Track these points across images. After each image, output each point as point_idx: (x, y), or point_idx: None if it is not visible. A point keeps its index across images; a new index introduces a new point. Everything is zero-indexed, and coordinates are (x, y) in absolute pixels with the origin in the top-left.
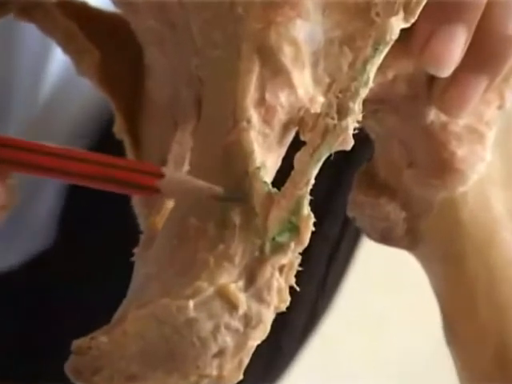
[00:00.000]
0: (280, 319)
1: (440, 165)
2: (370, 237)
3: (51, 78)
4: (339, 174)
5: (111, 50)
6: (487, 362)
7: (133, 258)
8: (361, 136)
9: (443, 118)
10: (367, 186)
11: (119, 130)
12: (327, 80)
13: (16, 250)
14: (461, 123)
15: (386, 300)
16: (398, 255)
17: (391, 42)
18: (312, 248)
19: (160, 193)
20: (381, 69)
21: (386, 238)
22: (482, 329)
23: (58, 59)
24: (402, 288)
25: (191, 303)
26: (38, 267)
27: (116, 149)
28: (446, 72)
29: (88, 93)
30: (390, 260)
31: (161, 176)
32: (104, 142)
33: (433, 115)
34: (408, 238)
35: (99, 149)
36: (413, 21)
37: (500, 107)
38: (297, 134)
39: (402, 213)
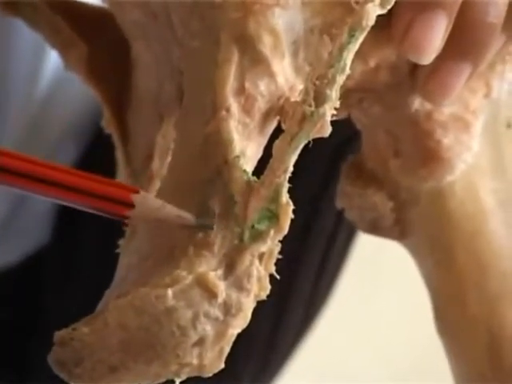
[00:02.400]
0: (275, 317)
1: (426, 154)
2: (360, 228)
3: (47, 76)
4: (333, 167)
5: (98, 44)
6: (479, 353)
7: (118, 250)
8: (355, 129)
9: (428, 106)
10: (355, 176)
11: (107, 124)
12: (307, 69)
13: (12, 247)
14: (446, 112)
15: (381, 298)
16: (391, 252)
17: (367, 29)
18: (307, 243)
19: (129, 219)
20: (362, 57)
21: (374, 228)
22: (473, 319)
23: (54, 58)
24: (397, 285)
25: (170, 292)
26: (35, 265)
27: (110, 146)
28: (426, 59)
29: (84, 92)
30: (384, 257)
31: (131, 205)
32: (98, 138)
33: (417, 104)
34: (397, 229)
35: (94, 145)
36: (389, 7)
37: (486, 96)
38: (279, 124)
39: (389, 203)
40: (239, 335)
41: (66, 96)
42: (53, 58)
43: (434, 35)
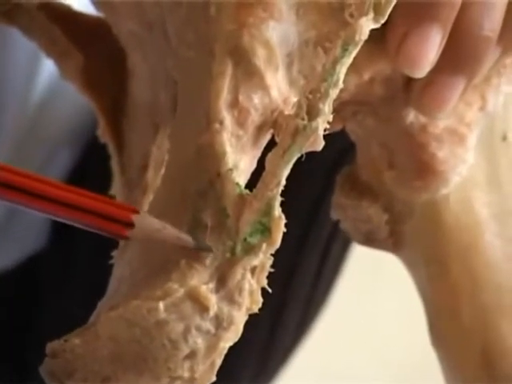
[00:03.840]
0: (273, 319)
1: (420, 166)
2: (354, 239)
3: (43, 81)
4: (331, 175)
5: (94, 53)
6: (473, 364)
7: (111, 261)
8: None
9: (422, 119)
10: (349, 188)
11: (103, 133)
12: (302, 81)
13: (9, 251)
14: (441, 125)
15: (381, 298)
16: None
17: (360, 43)
18: (304, 252)
19: (129, 239)
20: (357, 70)
21: (369, 240)
22: (467, 332)
23: (50, 63)
24: (396, 286)
25: (161, 305)
26: (32, 267)
27: (105, 153)
28: (421, 73)
29: (80, 97)
30: (382, 258)
31: (131, 225)
32: (94, 145)
33: (412, 117)
34: (391, 241)
35: (90, 152)
36: (383, 21)
37: (482, 109)
38: (274, 136)
39: (384, 215)
40: (236, 342)
41: (62, 101)
42: (49, 64)
43: (429, 49)
